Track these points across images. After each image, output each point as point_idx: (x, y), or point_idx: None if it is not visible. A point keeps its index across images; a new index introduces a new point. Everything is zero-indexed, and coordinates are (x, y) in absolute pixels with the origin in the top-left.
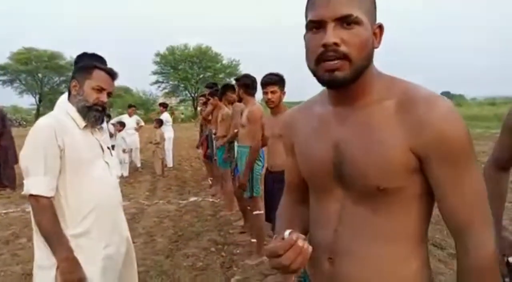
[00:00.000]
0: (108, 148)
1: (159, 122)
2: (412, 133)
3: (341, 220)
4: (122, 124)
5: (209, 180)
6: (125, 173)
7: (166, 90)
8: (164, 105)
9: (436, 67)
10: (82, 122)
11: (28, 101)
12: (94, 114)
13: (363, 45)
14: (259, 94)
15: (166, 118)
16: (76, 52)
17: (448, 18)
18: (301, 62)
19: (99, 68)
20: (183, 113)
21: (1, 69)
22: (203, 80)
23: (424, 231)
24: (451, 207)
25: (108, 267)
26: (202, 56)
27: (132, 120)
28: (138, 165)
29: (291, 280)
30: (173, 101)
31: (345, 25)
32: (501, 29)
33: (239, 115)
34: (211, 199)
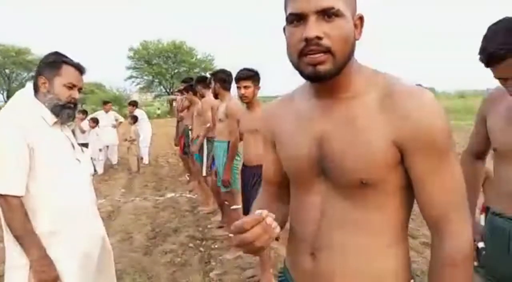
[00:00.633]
0: (79, 144)
1: (134, 118)
2: (395, 127)
3: (323, 214)
4: (95, 121)
5: (186, 176)
6: (100, 170)
7: (141, 86)
8: (133, 104)
9: (410, 62)
10: (52, 120)
11: None
12: (67, 111)
13: (346, 38)
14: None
15: (141, 114)
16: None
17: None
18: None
19: (67, 63)
20: (159, 109)
21: None
22: (178, 75)
23: (405, 223)
24: (429, 198)
25: (83, 265)
26: (177, 51)
27: (108, 117)
28: (115, 162)
29: (268, 273)
30: (148, 96)
31: (326, 17)
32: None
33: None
34: (188, 195)
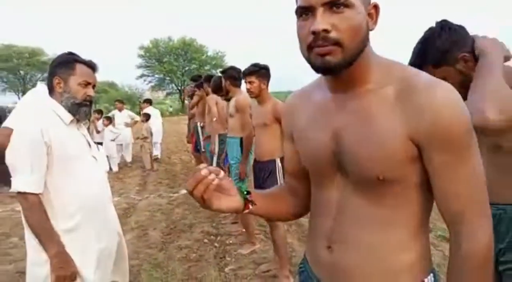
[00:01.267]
0: (95, 143)
1: (147, 116)
2: (412, 121)
3: (340, 209)
4: (108, 119)
5: None
6: (114, 168)
7: (152, 84)
8: (148, 102)
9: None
10: (68, 118)
11: (11, 100)
12: (84, 109)
13: (356, 29)
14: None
15: (153, 112)
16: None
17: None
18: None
19: (79, 62)
20: (171, 107)
21: None
22: (188, 72)
23: (425, 219)
24: (446, 195)
25: (101, 261)
26: (187, 48)
27: (122, 115)
28: (129, 160)
29: (285, 269)
30: (160, 94)
31: (334, 9)
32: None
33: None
34: None
